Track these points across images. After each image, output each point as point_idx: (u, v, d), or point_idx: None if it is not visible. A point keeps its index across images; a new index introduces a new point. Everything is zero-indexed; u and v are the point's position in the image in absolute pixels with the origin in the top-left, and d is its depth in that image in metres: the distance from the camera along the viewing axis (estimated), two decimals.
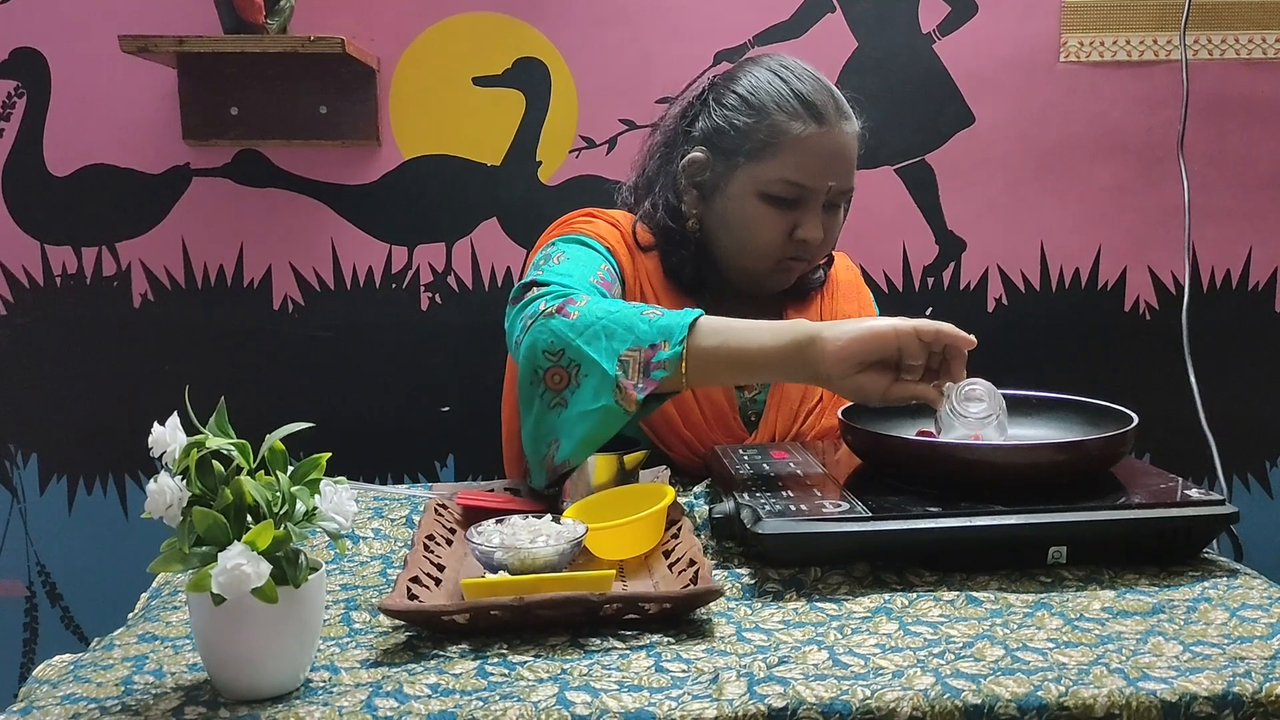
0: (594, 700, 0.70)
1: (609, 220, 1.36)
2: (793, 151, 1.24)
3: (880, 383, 1.04)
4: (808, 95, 1.25)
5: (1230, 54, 1.78)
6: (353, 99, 1.73)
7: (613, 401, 1.05)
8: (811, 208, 1.27)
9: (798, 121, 1.24)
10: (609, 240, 1.31)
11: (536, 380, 1.09)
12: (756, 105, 1.26)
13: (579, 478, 1.07)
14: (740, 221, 1.28)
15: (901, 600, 0.87)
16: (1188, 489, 0.98)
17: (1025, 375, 1.41)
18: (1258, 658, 0.76)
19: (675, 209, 1.32)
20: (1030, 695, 0.70)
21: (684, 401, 1.27)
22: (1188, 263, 1.81)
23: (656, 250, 1.34)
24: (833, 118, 1.25)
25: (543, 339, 1.09)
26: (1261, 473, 1.90)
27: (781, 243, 1.28)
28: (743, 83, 1.29)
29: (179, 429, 0.73)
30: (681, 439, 1.27)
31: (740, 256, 1.30)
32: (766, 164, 1.25)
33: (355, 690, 0.73)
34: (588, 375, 1.07)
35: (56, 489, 1.82)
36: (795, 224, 1.27)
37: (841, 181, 1.27)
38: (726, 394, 1.30)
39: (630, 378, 1.05)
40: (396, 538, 1.07)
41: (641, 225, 1.35)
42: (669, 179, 1.33)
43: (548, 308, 1.11)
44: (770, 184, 1.25)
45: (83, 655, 0.80)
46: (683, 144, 1.33)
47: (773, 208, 1.26)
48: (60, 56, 1.73)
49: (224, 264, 1.78)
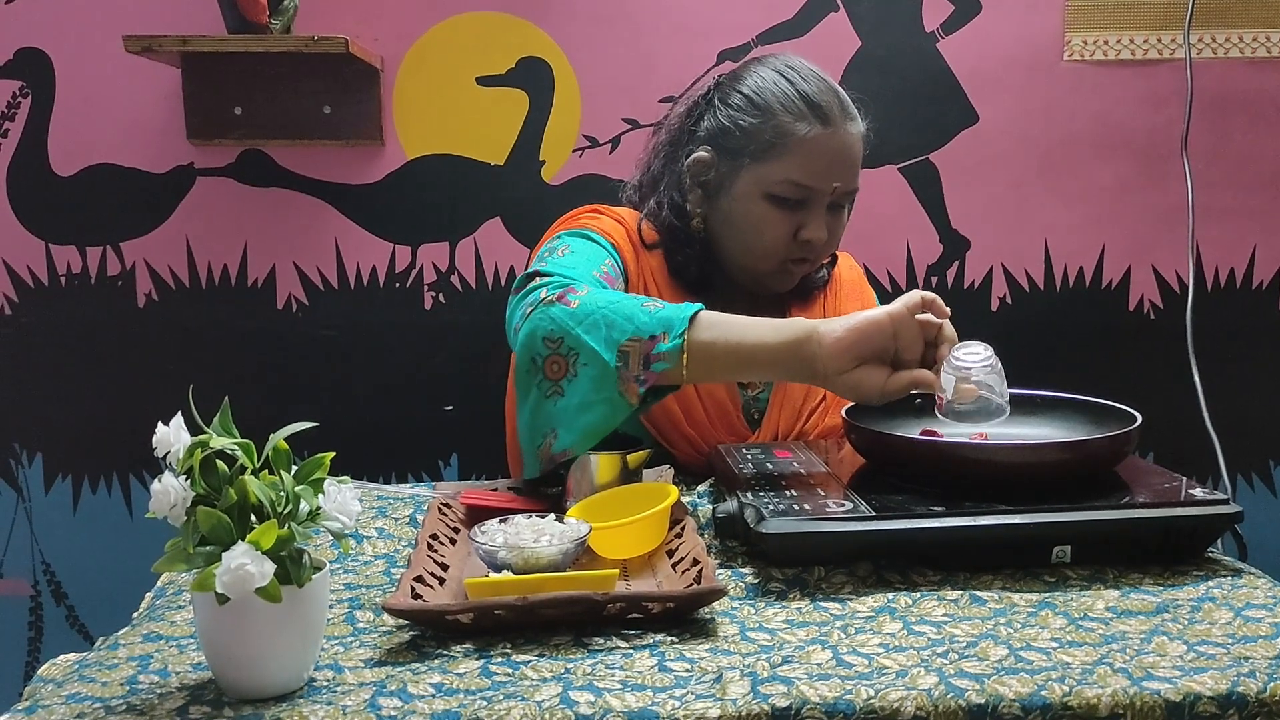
0: (598, 700, 0.70)
1: (614, 217, 1.36)
2: (798, 152, 1.24)
3: (877, 377, 1.04)
4: (813, 96, 1.25)
5: (1234, 53, 1.78)
6: (356, 99, 1.73)
7: (616, 393, 1.05)
8: (816, 208, 1.27)
9: (803, 122, 1.24)
10: (614, 236, 1.31)
11: (535, 369, 1.09)
12: (762, 106, 1.26)
13: (582, 477, 1.07)
14: (745, 222, 1.28)
15: (905, 600, 0.87)
16: (1192, 488, 0.98)
17: (1029, 374, 1.41)
18: (1262, 657, 0.76)
19: (680, 208, 1.32)
20: (1034, 695, 0.70)
21: (687, 399, 1.27)
22: (1191, 261, 1.81)
23: (661, 248, 1.34)
24: (838, 119, 1.25)
25: (542, 326, 1.08)
26: (1266, 472, 1.90)
27: (786, 243, 1.28)
28: (748, 83, 1.29)
29: (183, 429, 0.73)
30: (685, 437, 1.27)
31: (745, 256, 1.31)
32: (772, 165, 1.25)
33: (359, 689, 0.73)
34: (586, 365, 1.06)
35: (61, 488, 1.82)
36: (800, 224, 1.27)
37: (846, 182, 1.27)
38: (730, 392, 1.30)
39: (631, 369, 1.05)
40: (400, 537, 1.07)
41: (647, 223, 1.35)
42: (674, 178, 1.33)
43: (549, 296, 1.10)
44: (775, 185, 1.25)
45: (87, 654, 0.81)
46: (688, 143, 1.33)
47: (778, 208, 1.26)
48: (65, 56, 1.73)
49: (228, 263, 1.79)
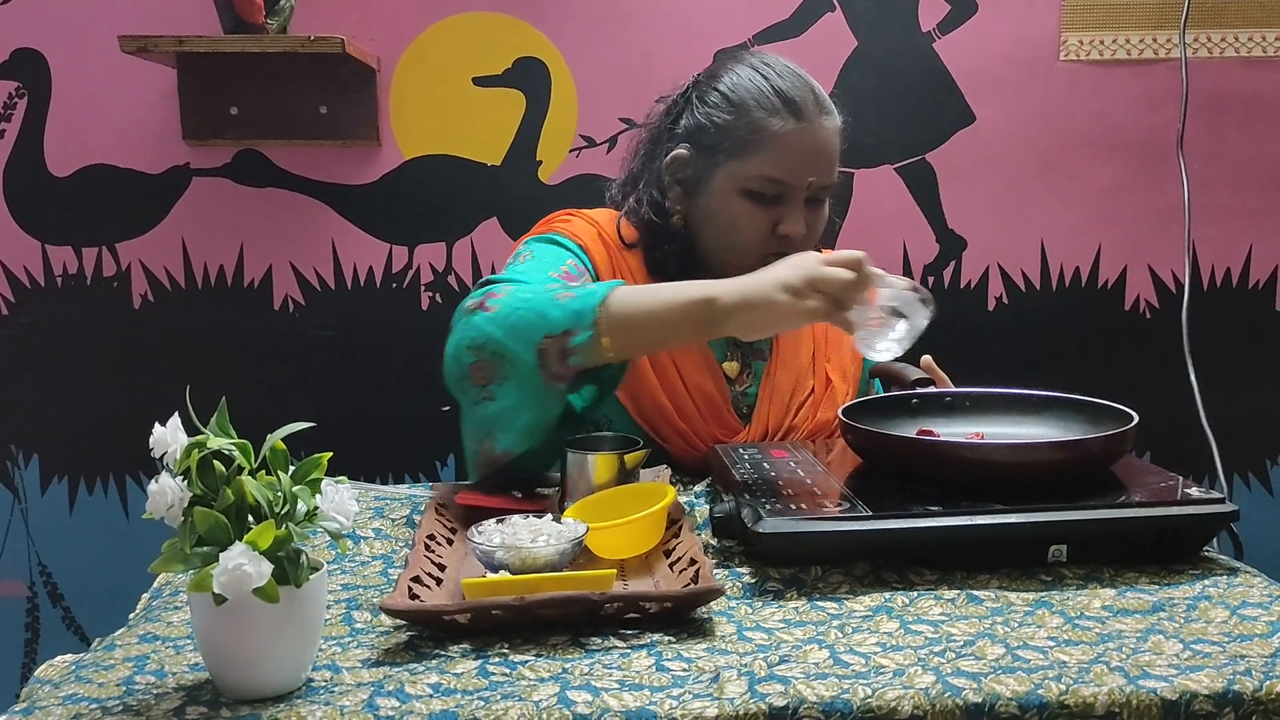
0: (595, 699, 0.70)
1: (587, 219, 1.36)
2: (772, 148, 1.25)
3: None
4: (787, 91, 1.25)
5: (1230, 52, 1.78)
6: (353, 99, 1.73)
7: (544, 388, 1.06)
8: (793, 203, 1.27)
9: (777, 118, 1.24)
10: (583, 238, 1.32)
11: (463, 378, 1.10)
12: (736, 102, 1.27)
13: (580, 477, 1.07)
14: (723, 218, 1.29)
15: (902, 599, 0.87)
16: (1188, 487, 0.98)
17: (1025, 374, 1.42)
18: (1258, 656, 0.76)
19: (659, 205, 1.33)
20: (1031, 693, 0.70)
21: (677, 394, 1.28)
22: (1188, 261, 1.81)
23: (641, 246, 1.34)
24: (812, 113, 1.25)
25: (466, 335, 1.09)
26: (1262, 471, 1.90)
27: (764, 238, 1.28)
28: (724, 80, 1.30)
29: (180, 429, 0.73)
30: (677, 431, 1.28)
31: (724, 252, 1.31)
32: (747, 161, 1.26)
33: (357, 690, 0.73)
34: (512, 366, 1.07)
35: (58, 489, 1.82)
36: (777, 220, 1.27)
37: (822, 176, 1.27)
38: (718, 386, 1.30)
39: (551, 365, 1.06)
40: (397, 538, 1.07)
41: (625, 221, 1.36)
42: (653, 175, 1.34)
43: (471, 304, 1.11)
44: (751, 180, 1.26)
45: (84, 655, 0.80)
46: (667, 141, 1.33)
47: (754, 204, 1.26)
48: (61, 57, 1.73)
49: (224, 264, 1.78)
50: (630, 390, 1.26)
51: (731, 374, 1.34)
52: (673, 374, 1.29)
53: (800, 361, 1.36)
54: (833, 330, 1.39)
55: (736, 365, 1.34)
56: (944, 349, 1.45)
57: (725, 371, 1.33)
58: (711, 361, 1.32)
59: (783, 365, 1.35)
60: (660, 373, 1.28)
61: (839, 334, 1.38)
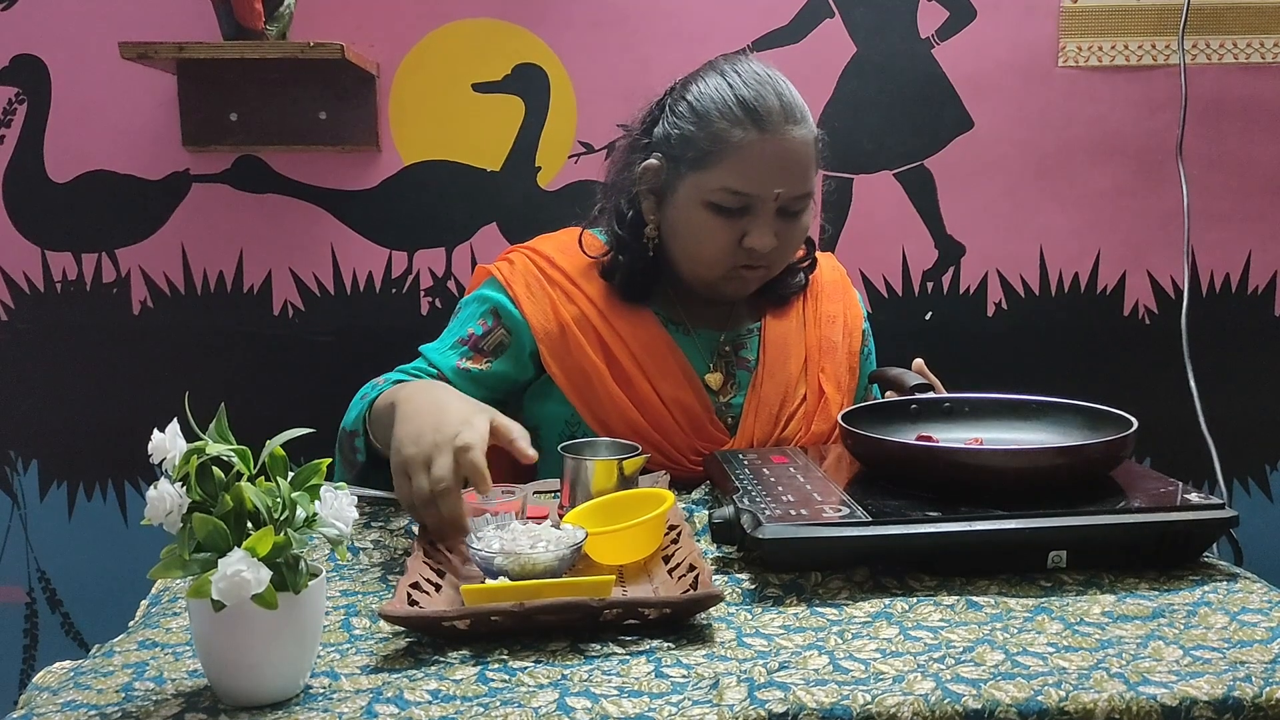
0: (594, 706, 0.70)
1: (529, 254, 1.34)
2: (734, 159, 1.22)
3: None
4: (750, 101, 1.22)
5: (1228, 58, 1.79)
6: (352, 105, 1.73)
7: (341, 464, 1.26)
8: (760, 215, 1.24)
9: (738, 129, 1.22)
10: (514, 287, 1.30)
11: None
12: (700, 112, 1.25)
13: (578, 483, 1.07)
14: (688, 230, 1.27)
15: (902, 605, 0.87)
16: (1187, 493, 0.98)
17: (1025, 379, 1.42)
18: (1258, 662, 0.76)
19: (624, 215, 1.32)
20: (1030, 700, 0.70)
21: (650, 408, 1.27)
22: (1187, 267, 1.81)
23: (605, 258, 1.33)
24: (777, 123, 1.22)
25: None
26: (1261, 476, 1.90)
27: (730, 251, 1.25)
28: (691, 89, 1.28)
29: (179, 435, 0.73)
30: (652, 444, 1.26)
31: (691, 264, 1.29)
32: (709, 172, 1.23)
33: (356, 696, 0.73)
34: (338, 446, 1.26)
35: (56, 495, 1.82)
36: (744, 232, 1.24)
37: (791, 188, 1.23)
38: (698, 397, 1.29)
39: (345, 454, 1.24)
40: (396, 544, 1.07)
41: (590, 234, 1.35)
42: (627, 184, 1.32)
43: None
44: (713, 193, 1.23)
45: (83, 662, 0.80)
46: (640, 150, 1.32)
47: (718, 216, 1.24)
48: (60, 63, 1.73)
49: (224, 270, 1.78)
50: (598, 415, 1.26)
51: (715, 385, 1.32)
52: (645, 388, 1.27)
53: (789, 372, 1.34)
54: (826, 340, 1.38)
55: (720, 376, 1.33)
56: (943, 354, 1.45)
57: (708, 383, 1.31)
58: (690, 373, 1.30)
59: (769, 376, 1.33)
60: (630, 388, 1.27)
61: (832, 343, 1.38)
